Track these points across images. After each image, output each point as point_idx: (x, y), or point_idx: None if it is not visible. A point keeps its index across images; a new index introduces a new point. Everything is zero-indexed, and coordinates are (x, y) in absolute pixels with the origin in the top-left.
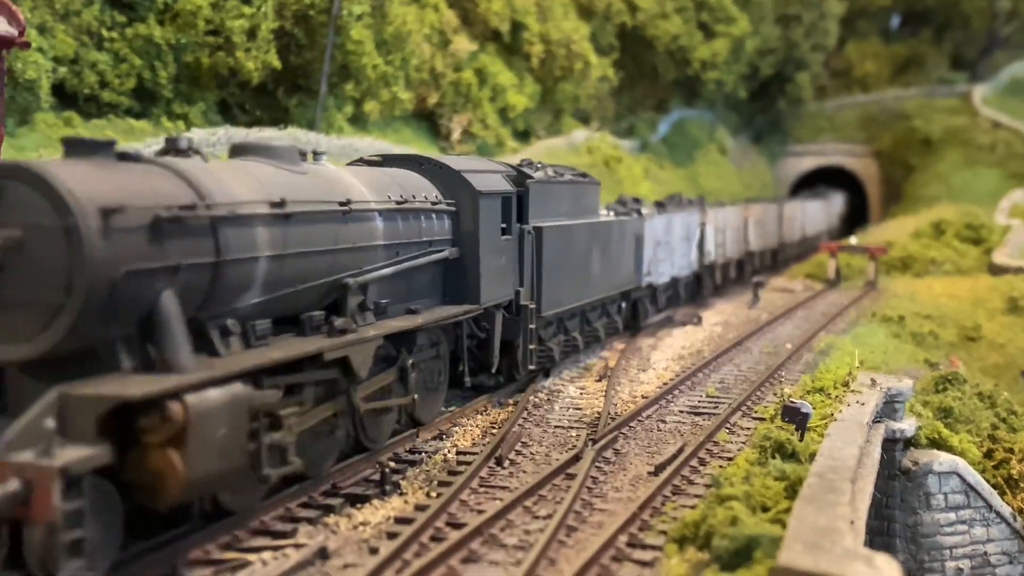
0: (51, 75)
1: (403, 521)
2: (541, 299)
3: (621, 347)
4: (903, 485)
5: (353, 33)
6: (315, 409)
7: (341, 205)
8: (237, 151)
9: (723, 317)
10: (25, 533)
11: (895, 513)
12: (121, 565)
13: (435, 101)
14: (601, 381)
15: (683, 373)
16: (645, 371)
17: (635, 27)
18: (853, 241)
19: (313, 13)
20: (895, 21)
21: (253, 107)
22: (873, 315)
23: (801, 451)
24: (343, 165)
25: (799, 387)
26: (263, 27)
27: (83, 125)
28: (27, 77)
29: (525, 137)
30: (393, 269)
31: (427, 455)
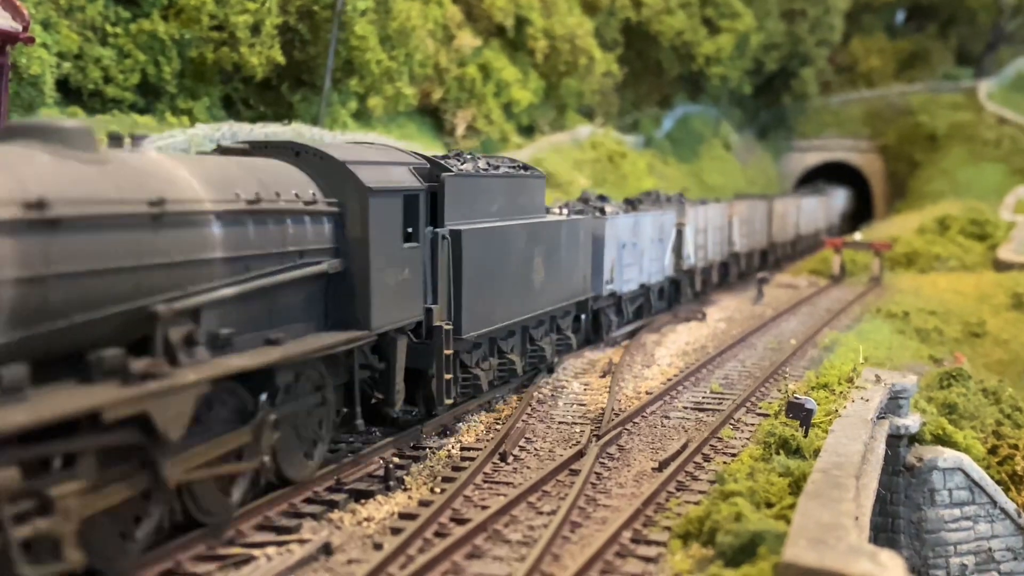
0: (55, 70)
1: (407, 517)
2: (461, 318)
3: (625, 344)
4: (907, 481)
5: (357, 28)
6: (111, 487)
7: (151, 206)
8: (5, 134)
9: (727, 313)
10: None
11: (899, 509)
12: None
13: (439, 96)
14: (605, 377)
15: (687, 369)
16: (649, 367)
17: (639, 22)
18: (857, 237)
19: (317, 8)
20: (900, 16)
21: (257, 102)
22: (877, 311)
23: (805, 447)
24: (192, 153)
25: (803, 383)
26: (267, 22)
27: (87, 120)
28: (31, 72)
29: (529, 132)
30: (239, 289)
31: (431, 451)
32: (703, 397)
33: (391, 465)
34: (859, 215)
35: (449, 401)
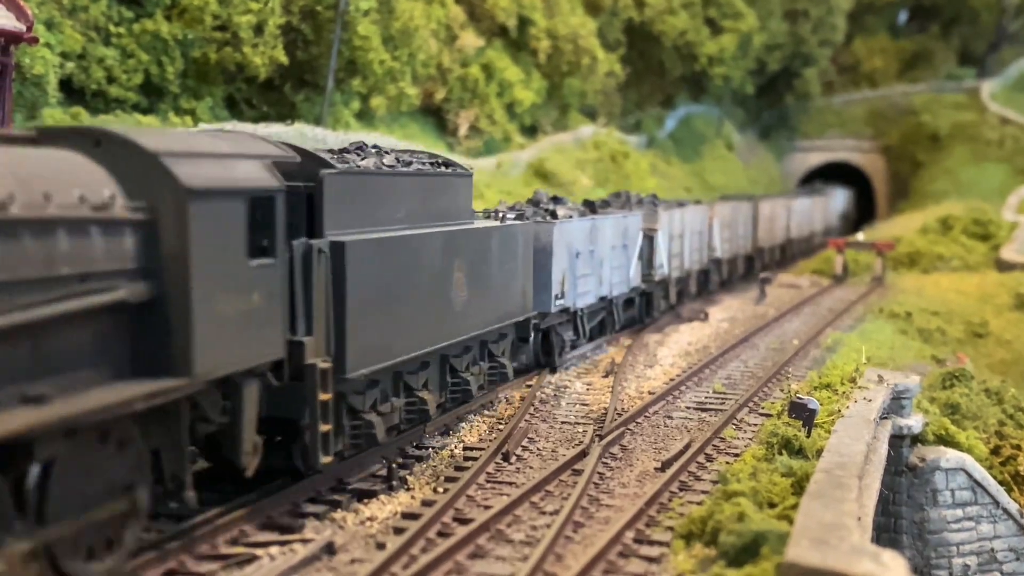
0: (59, 70)
1: (410, 516)
2: (345, 352)
3: (628, 342)
4: (910, 481)
5: (360, 28)
6: None
7: None
8: None
9: (730, 313)
10: None
11: (902, 510)
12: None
13: (442, 96)
14: (608, 377)
15: (690, 369)
16: (652, 367)
17: (642, 22)
18: (860, 237)
19: (320, 8)
20: (903, 16)
21: (260, 102)
22: (880, 311)
23: (808, 447)
24: None
25: (806, 383)
26: (270, 22)
27: (91, 120)
28: (35, 72)
29: (532, 132)
30: None
31: (434, 451)
32: (706, 397)
33: (394, 465)
34: (862, 216)
35: (328, 459)
